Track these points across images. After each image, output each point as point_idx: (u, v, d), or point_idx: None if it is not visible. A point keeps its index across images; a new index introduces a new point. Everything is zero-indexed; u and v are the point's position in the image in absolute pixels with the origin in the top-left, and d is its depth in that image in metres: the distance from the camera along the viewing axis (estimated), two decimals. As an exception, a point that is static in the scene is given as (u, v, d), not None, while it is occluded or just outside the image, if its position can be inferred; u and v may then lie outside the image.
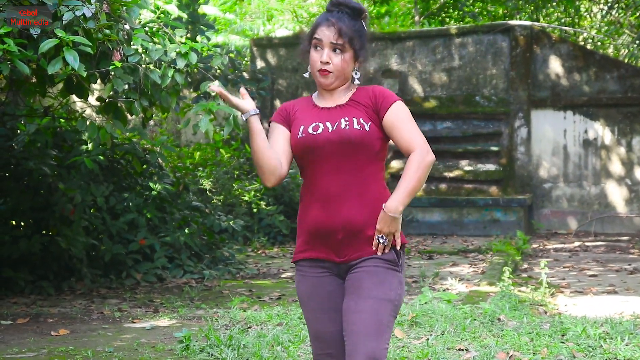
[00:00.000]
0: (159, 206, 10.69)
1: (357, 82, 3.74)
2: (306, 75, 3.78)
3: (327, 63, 3.64)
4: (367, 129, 3.61)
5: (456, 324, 6.88)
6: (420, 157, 3.56)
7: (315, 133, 3.63)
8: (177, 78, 7.75)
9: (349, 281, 3.64)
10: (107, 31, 6.68)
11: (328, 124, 3.64)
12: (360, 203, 3.60)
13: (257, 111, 3.67)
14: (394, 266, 3.63)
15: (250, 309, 7.98)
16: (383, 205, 3.57)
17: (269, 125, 3.80)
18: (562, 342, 6.28)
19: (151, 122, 16.24)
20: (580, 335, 6.39)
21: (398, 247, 3.64)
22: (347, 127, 3.60)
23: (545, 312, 7.91)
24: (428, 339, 6.45)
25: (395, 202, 3.56)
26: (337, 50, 3.65)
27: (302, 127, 3.67)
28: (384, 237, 3.59)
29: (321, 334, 3.72)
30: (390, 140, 3.71)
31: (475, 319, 7.08)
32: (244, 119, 3.67)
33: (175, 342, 6.43)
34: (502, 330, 6.70)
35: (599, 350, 6.05)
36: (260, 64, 17.13)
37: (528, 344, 6.23)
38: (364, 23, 3.74)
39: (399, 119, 3.62)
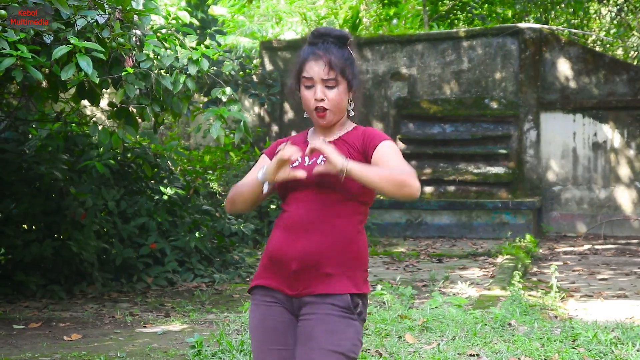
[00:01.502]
0: (169, 210, 10.73)
1: (351, 113, 3.56)
2: (306, 115, 3.59)
3: (322, 100, 3.46)
4: None
5: (467, 329, 6.90)
6: (402, 172, 3.31)
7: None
8: (188, 84, 7.80)
9: (300, 328, 3.41)
10: (121, 40, 6.72)
11: (306, 158, 3.47)
12: (320, 237, 3.38)
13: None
14: (348, 313, 3.37)
15: (261, 313, 7.99)
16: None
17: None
18: (573, 348, 6.29)
19: (162, 127, 16.31)
20: (591, 341, 6.40)
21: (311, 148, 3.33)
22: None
23: (556, 317, 7.93)
24: (439, 344, 6.46)
25: (352, 162, 3.27)
26: (330, 86, 3.46)
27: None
28: (323, 159, 3.40)
29: None
30: None
31: (486, 324, 7.10)
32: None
33: (187, 348, 6.46)
34: (513, 335, 6.71)
35: (610, 356, 6.06)
36: (269, 67, 17.16)
37: (539, 350, 6.25)
38: (350, 50, 3.54)
39: (386, 154, 3.41)
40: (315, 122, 3.55)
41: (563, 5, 19.25)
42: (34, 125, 9.83)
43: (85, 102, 8.52)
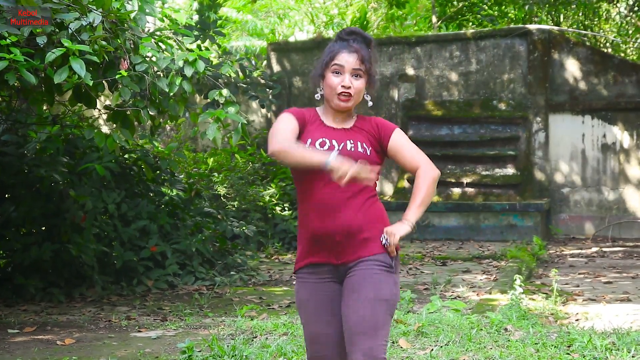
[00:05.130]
0: (171, 213, 10.69)
1: (369, 104, 4.07)
2: (317, 97, 4.05)
3: (349, 87, 3.94)
4: (368, 153, 3.95)
5: (462, 334, 6.83)
6: (426, 171, 3.97)
7: (322, 149, 3.90)
8: (184, 86, 7.75)
9: (346, 283, 3.91)
10: (104, 42, 6.67)
11: (334, 142, 3.94)
12: (353, 210, 3.89)
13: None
14: (388, 268, 3.90)
15: (257, 317, 7.95)
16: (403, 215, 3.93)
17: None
18: (568, 354, 6.21)
19: (167, 128, 16.29)
20: (586, 347, 6.32)
21: (392, 254, 3.91)
22: (352, 149, 3.92)
23: (555, 322, 7.84)
24: (432, 350, 6.39)
25: (409, 214, 3.91)
26: (357, 75, 3.96)
27: (309, 140, 3.94)
28: (387, 239, 3.88)
29: (317, 336, 3.96)
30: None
31: (481, 329, 7.02)
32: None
33: (179, 353, 6.41)
34: (508, 340, 6.63)
35: (605, 362, 5.99)
36: (276, 67, 17.11)
37: (533, 355, 6.17)
38: (372, 52, 4.04)
39: (401, 143, 4.02)
40: (333, 104, 3.98)
41: (573, 6, 19.10)
42: (33, 128, 9.81)
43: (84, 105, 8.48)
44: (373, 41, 4.07)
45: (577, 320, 8.06)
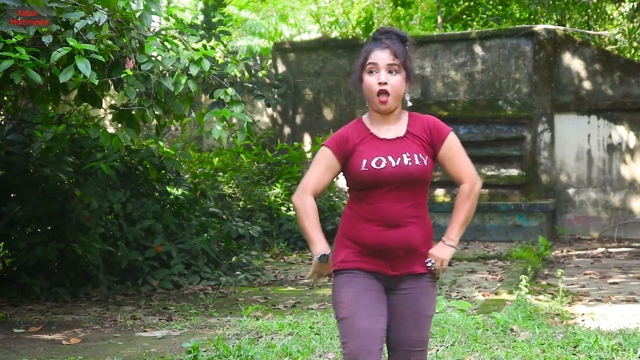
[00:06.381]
0: (176, 212, 10.68)
1: (409, 104, 4.00)
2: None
3: (385, 83, 3.86)
4: (425, 163, 3.91)
5: (468, 335, 6.81)
6: (469, 188, 3.97)
7: (378, 167, 3.87)
8: (190, 85, 7.75)
9: (401, 299, 3.97)
10: (110, 42, 6.67)
11: (390, 158, 3.89)
12: (417, 225, 3.92)
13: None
14: (435, 283, 4.03)
15: (263, 317, 7.94)
16: (444, 237, 3.97)
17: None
18: (574, 354, 6.19)
19: (173, 127, 16.29)
20: (592, 347, 6.30)
21: (443, 272, 3.99)
22: (410, 163, 3.88)
23: (561, 322, 7.82)
24: (438, 350, 6.38)
25: (452, 234, 3.96)
26: (393, 71, 3.89)
27: (364, 161, 3.89)
28: (433, 262, 3.92)
29: (366, 330, 3.87)
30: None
31: (487, 329, 7.01)
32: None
33: (184, 352, 6.40)
34: (514, 341, 6.62)
35: (611, 363, 5.97)
36: (281, 68, 17.10)
37: (539, 356, 6.16)
38: (409, 49, 3.98)
39: (453, 152, 3.97)
40: (375, 108, 3.93)
41: (578, 6, 19.06)
42: (38, 128, 9.81)
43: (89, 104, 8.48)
44: (409, 38, 4.00)
45: (583, 320, 8.03)
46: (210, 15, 21.13)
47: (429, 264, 3.93)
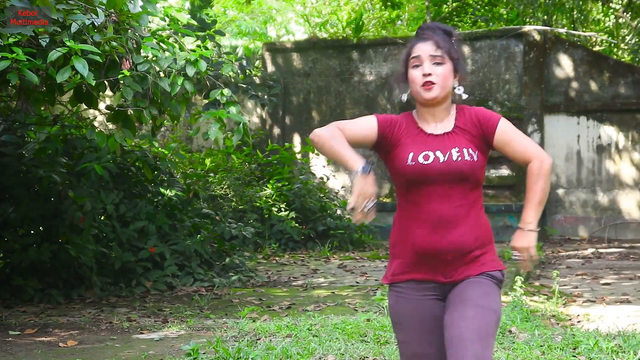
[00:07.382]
0: (169, 213, 10.65)
1: (464, 96, 3.76)
2: (403, 98, 3.78)
3: (430, 74, 3.65)
4: (475, 159, 3.66)
5: (467, 336, 6.79)
6: (539, 165, 3.67)
7: (426, 163, 3.64)
8: (186, 86, 7.73)
9: (452, 294, 3.67)
10: (115, 43, 6.64)
11: (439, 153, 3.66)
12: (468, 226, 3.65)
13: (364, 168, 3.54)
14: (497, 283, 3.69)
15: (259, 319, 7.92)
16: (520, 223, 3.70)
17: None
18: (574, 356, 6.19)
19: (162, 128, 16.23)
20: (592, 349, 6.30)
21: (533, 263, 3.71)
22: (460, 158, 3.64)
23: (558, 324, 7.82)
24: (438, 352, 6.36)
25: (528, 217, 3.65)
26: (438, 63, 3.67)
27: (411, 155, 3.66)
28: (518, 254, 3.67)
29: (419, 356, 3.72)
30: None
31: (486, 331, 6.99)
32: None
33: (183, 355, 6.37)
34: (514, 343, 6.61)
35: (612, 365, 5.97)
36: (271, 68, 17.08)
37: (539, 358, 6.15)
38: (455, 43, 3.79)
39: (509, 136, 3.73)
40: (422, 100, 3.70)
41: (567, 7, 19.12)
42: (32, 129, 9.75)
43: (85, 105, 8.45)
44: (454, 32, 3.81)
45: (579, 321, 8.04)
46: (197, 16, 21.08)
47: (514, 258, 3.68)
